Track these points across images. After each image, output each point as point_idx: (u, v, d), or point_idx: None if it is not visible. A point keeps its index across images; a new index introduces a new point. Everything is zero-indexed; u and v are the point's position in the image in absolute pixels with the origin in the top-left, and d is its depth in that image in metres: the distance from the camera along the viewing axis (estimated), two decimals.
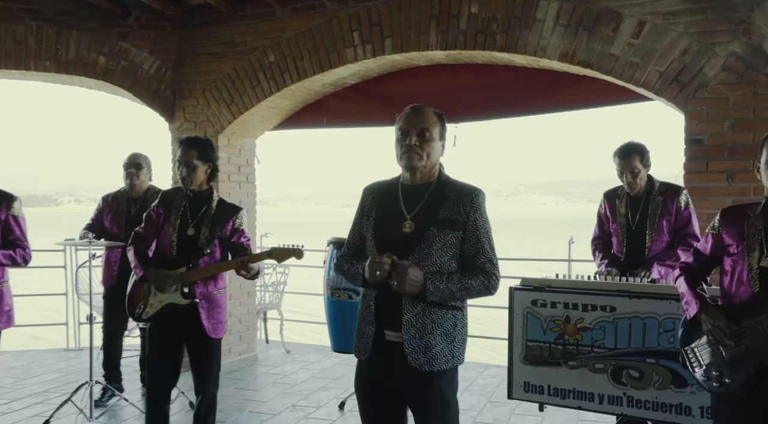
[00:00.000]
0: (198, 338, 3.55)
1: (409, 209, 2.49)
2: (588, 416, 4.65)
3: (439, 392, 2.44)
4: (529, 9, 4.70)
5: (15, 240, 3.48)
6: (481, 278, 2.44)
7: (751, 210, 2.55)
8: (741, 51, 4.17)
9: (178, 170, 3.58)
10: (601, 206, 4.28)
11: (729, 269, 2.55)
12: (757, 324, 2.38)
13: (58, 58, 5.86)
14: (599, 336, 3.29)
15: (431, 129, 2.47)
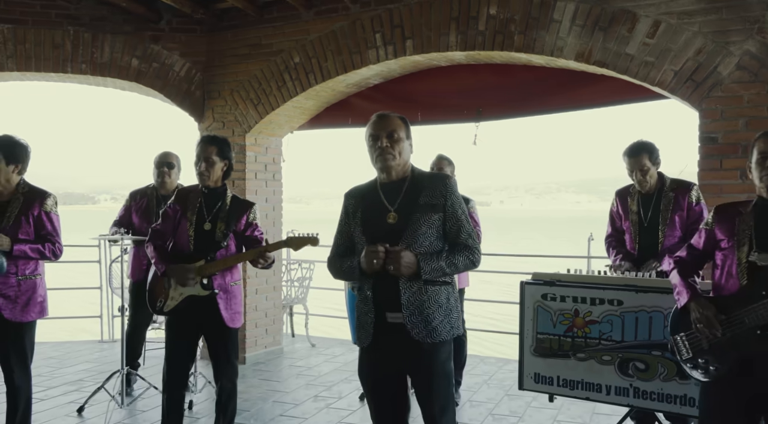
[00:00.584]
0: (217, 328, 3.72)
1: (391, 202, 2.75)
2: (602, 409, 4.74)
3: (441, 364, 2.69)
4: (546, 10, 4.79)
5: (47, 235, 3.66)
6: (466, 253, 2.70)
7: (743, 207, 2.66)
8: (755, 50, 4.21)
9: (196, 166, 3.73)
10: (614, 205, 4.35)
11: (720, 262, 2.66)
12: (743, 315, 2.48)
13: (94, 61, 6.11)
14: (607, 329, 3.39)
15: (398, 130, 2.74)
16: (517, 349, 3.73)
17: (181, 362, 3.78)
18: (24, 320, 3.60)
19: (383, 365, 2.75)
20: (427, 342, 2.64)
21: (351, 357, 6.49)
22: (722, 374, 2.55)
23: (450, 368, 2.75)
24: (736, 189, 4.24)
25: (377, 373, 2.78)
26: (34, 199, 3.65)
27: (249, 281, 6.23)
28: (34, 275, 3.67)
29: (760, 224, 2.56)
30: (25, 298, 3.59)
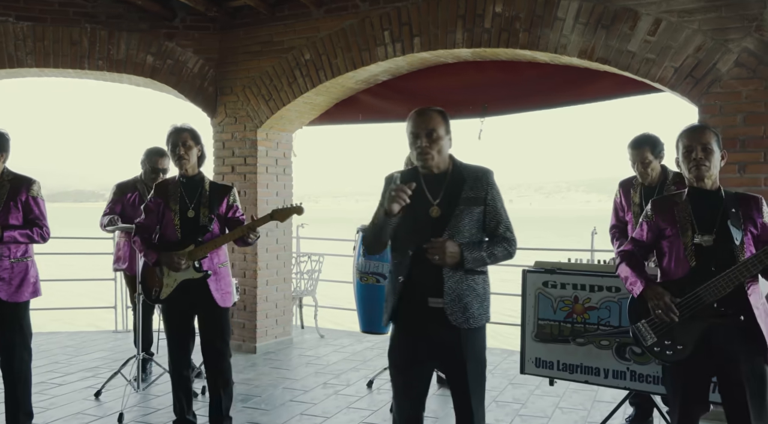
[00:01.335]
0: (209, 308, 3.89)
1: (434, 196, 2.82)
2: (603, 396, 4.87)
3: (477, 349, 2.82)
4: (550, 8, 4.92)
5: (34, 219, 3.85)
6: (504, 245, 2.81)
7: (677, 198, 2.92)
8: (753, 47, 4.33)
9: (173, 152, 3.88)
10: (617, 196, 4.48)
11: (667, 250, 2.88)
12: (700, 292, 2.70)
13: (110, 57, 6.28)
14: (605, 315, 3.53)
15: (437, 128, 2.80)
16: (518, 339, 3.87)
17: (182, 344, 3.96)
18: (19, 300, 3.81)
19: (417, 348, 2.84)
20: (464, 328, 2.75)
21: (359, 347, 6.65)
22: (688, 353, 2.74)
23: (484, 354, 2.87)
24: (734, 182, 4.34)
25: (410, 354, 2.85)
26: (20, 185, 3.83)
27: (260, 272, 6.40)
28: (25, 258, 3.87)
29: (697, 210, 2.82)
30: (18, 279, 3.80)
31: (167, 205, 3.90)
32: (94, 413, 4.57)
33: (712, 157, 2.81)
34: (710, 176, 2.84)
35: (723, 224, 2.75)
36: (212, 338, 3.93)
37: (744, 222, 2.76)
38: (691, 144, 2.83)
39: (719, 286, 2.66)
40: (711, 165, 2.82)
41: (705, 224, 2.78)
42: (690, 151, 2.83)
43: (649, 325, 2.85)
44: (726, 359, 2.72)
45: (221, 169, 6.49)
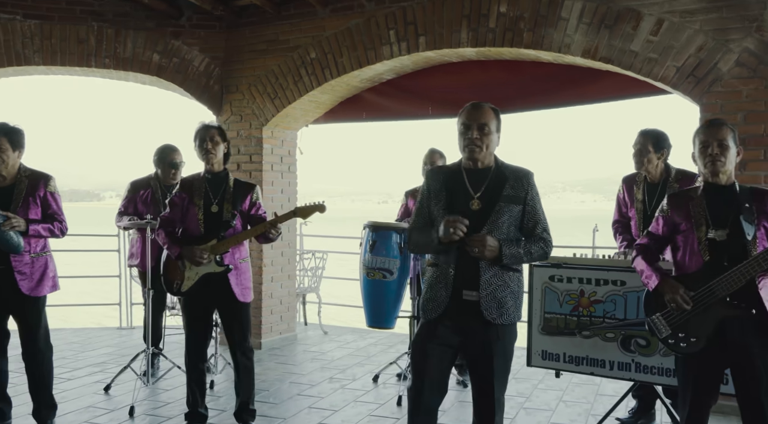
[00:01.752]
0: (229, 303, 3.98)
1: (475, 190, 2.88)
2: (605, 390, 4.96)
3: (506, 345, 2.87)
4: (554, 8, 5.00)
5: (53, 214, 3.92)
6: (541, 244, 2.88)
7: (693, 193, 2.97)
8: (754, 47, 4.41)
9: (201, 147, 3.95)
10: (620, 191, 4.54)
11: (681, 244, 2.94)
12: (713, 286, 2.76)
13: (117, 55, 6.34)
14: (610, 308, 3.61)
15: (489, 124, 2.86)
16: (525, 332, 3.94)
17: (199, 337, 4.05)
18: (39, 294, 3.88)
19: (445, 339, 2.88)
20: (498, 324, 2.80)
21: (363, 344, 6.72)
22: (702, 346, 2.80)
23: (511, 349, 2.92)
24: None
25: (437, 345, 2.88)
26: (38, 180, 3.90)
27: (265, 269, 6.46)
28: (44, 252, 3.94)
29: (711, 205, 2.87)
30: (39, 274, 3.87)
31: (191, 200, 3.97)
32: (104, 406, 4.63)
33: (727, 153, 2.86)
34: (725, 172, 2.88)
35: (736, 219, 2.80)
36: (233, 333, 4.02)
37: (758, 217, 2.81)
38: (707, 140, 2.87)
39: (732, 280, 2.72)
40: (726, 161, 2.86)
41: (719, 218, 2.83)
42: (706, 147, 2.87)
43: (664, 318, 2.92)
44: (740, 352, 2.78)
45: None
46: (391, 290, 5.05)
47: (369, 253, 5.05)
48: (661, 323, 2.93)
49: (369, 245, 5.04)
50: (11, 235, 3.66)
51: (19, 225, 3.68)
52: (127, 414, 4.42)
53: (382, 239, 4.99)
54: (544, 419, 4.39)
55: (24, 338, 3.89)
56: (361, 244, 5.23)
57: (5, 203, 3.74)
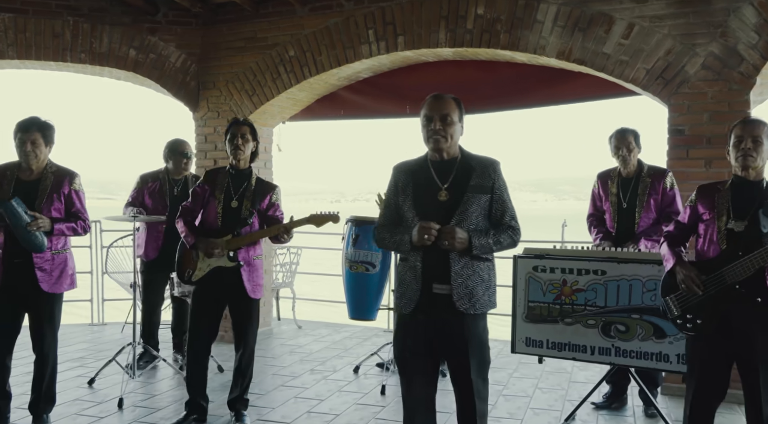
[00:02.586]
0: (240, 298, 4.06)
1: (442, 181, 2.91)
2: (578, 377, 5.20)
3: (479, 334, 2.92)
4: (530, 11, 5.21)
5: (76, 212, 3.95)
6: (509, 233, 2.93)
7: (721, 185, 3.15)
8: (718, 51, 4.69)
9: (231, 143, 4.04)
10: (595, 186, 4.78)
11: (702, 232, 3.12)
12: (724, 273, 2.94)
13: (93, 50, 6.32)
14: (591, 296, 3.82)
15: (452, 114, 2.88)
16: (500, 330, 4.12)
17: (204, 329, 4.10)
18: (58, 291, 3.90)
19: (423, 333, 2.91)
20: (469, 313, 2.84)
21: (338, 337, 6.83)
22: (707, 328, 2.99)
23: (486, 337, 2.96)
24: (701, 176, 4.69)
25: (416, 340, 2.93)
26: (63, 177, 3.92)
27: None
28: (64, 249, 3.96)
29: (735, 198, 3.03)
30: (58, 271, 3.88)
31: (213, 193, 4.04)
32: (91, 399, 4.66)
33: (760, 148, 3.00)
34: (755, 167, 3.03)
35: (756, 213, 2.94)
36: (239, 327, 4.12)
37: None
38: (742, 135, 3.03)
39: (741, 268, 2.89)
40: (758, 156, 3.01)
41: (741, 211, 2.98)
42: (740, 141, 3.03)
43: (676, 299, 3.10)
44: (744, 340, 2.93)
45: (203, 163, 6.58)
46: (373, 283, 5.20)
47: (352, 247, 5.18)
48: (673, 303, 3.11)
49: (352, 239, 5.18)
50: (36, 234, 3.70)
51: (44, 226, 3.72)
52: (116, 406, 4.46)
53: (365, 232, 5.13)
54: (523, 405, 4.58)
55: (37, 334, 3.90)
56: (343, 238, 5.36)
57: (30, 198, 3.76)
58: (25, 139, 3.77)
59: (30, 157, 3.79)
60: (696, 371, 3.06)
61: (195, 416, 4.13)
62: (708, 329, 2.99)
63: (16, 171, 3.86)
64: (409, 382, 3.00)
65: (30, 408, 4.01)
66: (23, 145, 3.77)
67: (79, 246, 7.58)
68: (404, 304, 2.95)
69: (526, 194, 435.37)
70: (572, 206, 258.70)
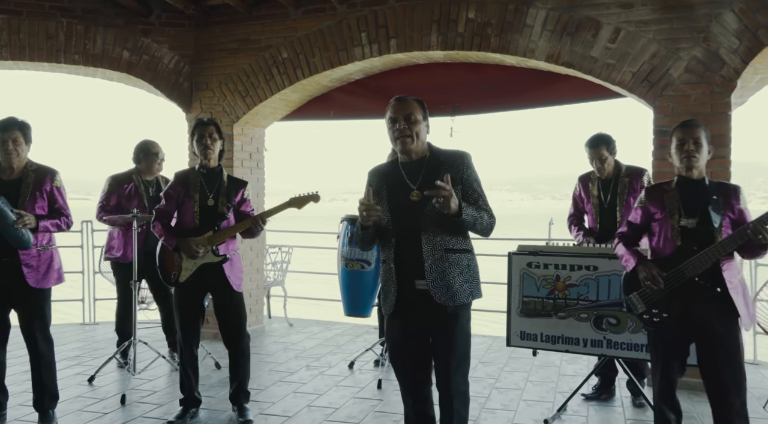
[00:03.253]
0: (226, 293, 4.17)
1: (413, 181, 2.98)
2: (566, 370, 5.38)
3: (462, 325, 3.00)
4: (520, 15, 5.36)
5: (59, 209, 4.04)
6: (487, 214, 2.98)
7: (667, 185, 3.34)
8: (701, 55, 4.88)
9: (199, 143, 4.12)
10: (576, 189, 4.96)
11: (656, 231, 3.31)
12: (683, 268, 3.13)
13: (86, 52, 6.37)
14: (584, 291, 3.98)
15: (415, 113, 2.95)
16: (491, 327, 4.27)
17: (193, 325, 4.20)
18: (45, 286, 3.98)
19: (409, 328, 3.02)
20: (449, 305, 2.92)
21: (330, 334, 6.95)
22: (672, 320, 3.18)
23: (469, 329, 3.03)
24: None
25: (404, 335, 3.04)
26: (44, 175, 4.00)
27: None
28: (50, 245, 4.05)
29: (683, 197, 3.23)
30: (45, 266, 3.97)
31: (187, 193, 4.12)
32: (92, 396, 4.73)
33: (701, 149, 3.22)
34: (698, 167, 3.24)
35: (705, 210, 3.16)
36: (229, 322, 4.21)
37: (724, 208, 3.18)
38: (684, 138, 3.23)
39: (699, 262, 3.09)
40: (700, 157, 3.22)
41: (690, 208, 3.19)
42: (683, 144, 3.22)
43: (640, 296, 3.28)
44: (704, 324, 3.15)
45: (196, 163, 6.65)
46: (368, 280, 5.31)
47: (348, 245, 5.29)
48: (638, 300, 3.29)
49: (347, 238, 5.29)
50: (23, 232, 3.76)
51: (30, 223, 3.79)
52: (119, 402, 4.54)
53: None
54: (516, 397, 4.73)
55: (28, 331, 3.97)
56: (338, 236, 5.48)
57: (13, 197, 3.82)
58: (7, 138, 3.84)
59: (12, 156, 3.87)
60: (661, 358, 3.25)
61: (194, 409, 4.25)
62: (673, 321, 3.19)
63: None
64: (403, 377, 3.13)
65: (35, 406, 4.07)
66: (5, 144, 3.84)
67: (70, 246, 7.66)
68: (387, 305, 3.06)
69: (503, 194, 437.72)
70: (548, 205, 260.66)
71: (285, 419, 4.27)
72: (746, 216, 3.20)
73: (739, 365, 3.14)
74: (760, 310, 4.78)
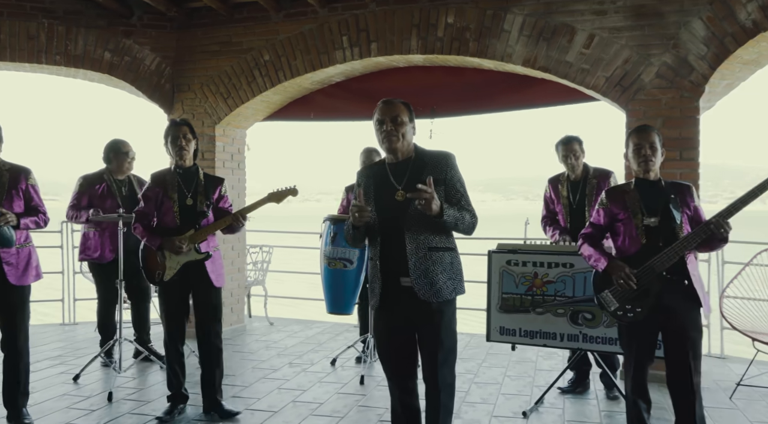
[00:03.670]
0: (206, 288, 4.25)
1: (398, 182, 3.10)
2: (542, 365, 5.55)
3: (446, 320, 3.12)
4: (497, 21, 5.53)
5: (36, 206, 4.10)
6: (469, 214, 3.10)
7: (626, 187, 3.53)
8: (671, 61, 5.08)
9: (174, 144, 4.19)
10: (547, 191, 5.13)
11: (620, 231, 3.48)
12: (652, 264, 3.30)
13: (68, 53, 6.40)
14: (561, 287, 4.15)
15: (401, 115, 3.07)
16: (469, 324, 4.41)
17: (178, 322, 4.29)
18: (25, 282, 4.04)
19: (395, 323, 3.15)
20: (433, 302, 3.04)
21: (310, 333, 7.05)
22: (644, 315, 3.36)
23: (454, 324, 3.15)
24: None
25: (390, 330, 3.18)
26: (18, 174, 4.05)
27: None
28: (27, 243, 4.11)
29: (643, 197, 3.42)
30: (24, 263, 4.03)
31: (166, 194, 4.20)
32: (79, 394, 4.78)
33: (657, 153, 3.44)
34: (654, 170, 3.46)
35: (665, 208, 3.36)
36: (206, 316, 4.28)
37: (681, 206, 3.39)
38: (640, 142, 3.43)
39: (667, 258, 3.28)
40: (656, 160, 3.44)
41: (651, 208, 3.39)
42: (639, 148, 3.43)
43: (612, 294, 3.44)
44: (671, 318, 3.33)
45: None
46: (350, 279, 5.43)
47: (330, 244, 5.40)
48: (610, 298, 3.46)
49: (330, 237, 5.40)
50: (5, 230, 3.82)
51: (12, 220, 3.84)
52: (106, 400, 4.60)
53: (343, 231, 5.36)
54: (494, 391, 4.89)
55: (8, 328, 4.01)
56: (321, 236, 5.59)
57: None
58: None
59: None
60: (634, 350, 3.43)
61: (182, 405, 4.33)
62: (645, 315, 3.37)
63: None
64: (390, 369, 3.26)
65: (5, 403, 4.10)
66: None
67: (49, 246, 7.66)
68: (373, 301, 3.21)
69: (476, 194, 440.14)
70: (521, 206, 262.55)
71: (271, 414, 4.37)
72: (700, 212, 3.44)
73: (699, 349, 3.36)
74: (727, 306, 4.99)
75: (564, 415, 4.36)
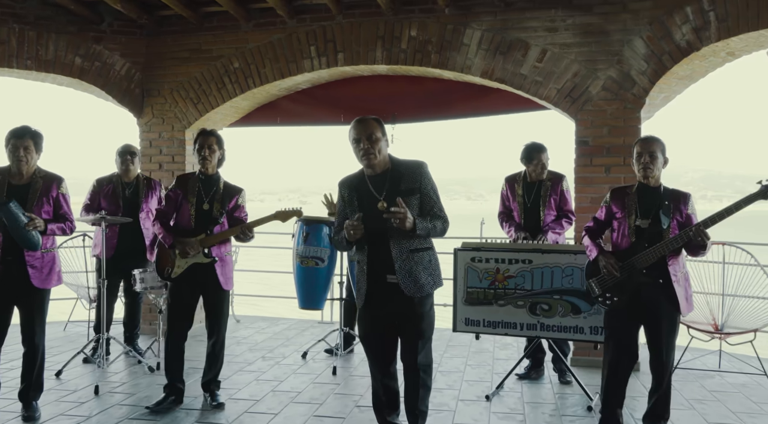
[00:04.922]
0: (214, 289, 4.54)
1: (379, 192, 3.46)
2: (499, 355, 6.00)
3: (426, 312, 3.54)
4: (458, 35, 5.94)
5: (64, 214, 4.31)
6: (440, 221, 3.48)
7: (629, 189, 3.95)
8: (615, 76, 5.58)
9: (200, 153, 4.49)
10: (503, 189, 5.56)
11: (616, 227, 3.93)
12: (634, 261, 3.75)
13: (39, 58, 6.53)
14: (521, 282, 4.57)
15: (375, 132, 3.42)
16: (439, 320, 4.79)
17: (183, 319, 4.57)
18: (47, 286, 4.26)
19: (379, 315, 3.54)
20: (416, 296, 3.44)
21: (277, 329, 7.34)
22: (621, 303, 3.80)
23: (432, 315, 3.57)
24: (601, 180, 5.58)
25: (375, 321, 3.57)
26: (51, 182, 4.28)
27: None
28: (52, 248, 4.32)
29: (641, 200, 3.83)
30: (48, 268, 4.24)
31: (185, 196, 4.48)
32: (63, 388, 4.98)
33: (657, 161, 3.79)
34: (654, 176, 3.80)
35: (657, 212, 3.76)
36: (213, 315, 4.59)
37: (673, 212, 3.77)
38: (641, 151, 3.82)
39: (647, 257, 3.70)
40: (655, 168, 3.80)
41: (645, 211, 3.78)
42: (641, 156, 3.81)
43: (597, 281, 3.88)
44: (650, 309, 3.75)
45: (149, 166, 6.92)
46: (322, 276, 5.78)
47: (303, 244, 5.74)
48: (596, 285, 3.90)
49: (303, 237, 5.73)
50: (32, 234, 4.03)
51: (39, 225, 4.07)
52: (93, 393, 4.82)
53: (315, 231, 5.71)
54: (458, 378, 5.30)
55: (28, 327, 4.24)
56: (293, 236, 5.90)
57: (21, 201, 4.08)
58: (19, 145, 4.12)
59: (22, 162, 4.15)
60: (613, 338, 3.88)
61: (173, 397, 4.57)
62: (622, 304, 3.81)
63: (7, 176, 4.19)
64: (374, 356, 3.67)
65: (20, 397, 4.32)
66: (16, 151, 4.12)
67: None
68: (359, 299, 3.60)
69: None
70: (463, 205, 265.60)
71: (254, 403, 4.67)
72: (693, 220, 3.78)
73: (673, 342, 3.80)
74: None
75: (523, 397, 4.80)
